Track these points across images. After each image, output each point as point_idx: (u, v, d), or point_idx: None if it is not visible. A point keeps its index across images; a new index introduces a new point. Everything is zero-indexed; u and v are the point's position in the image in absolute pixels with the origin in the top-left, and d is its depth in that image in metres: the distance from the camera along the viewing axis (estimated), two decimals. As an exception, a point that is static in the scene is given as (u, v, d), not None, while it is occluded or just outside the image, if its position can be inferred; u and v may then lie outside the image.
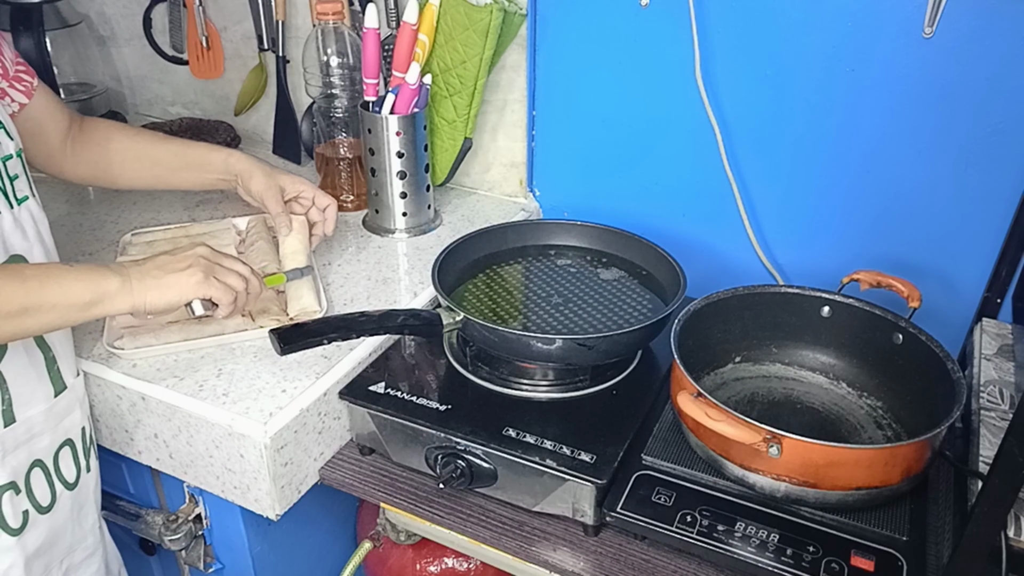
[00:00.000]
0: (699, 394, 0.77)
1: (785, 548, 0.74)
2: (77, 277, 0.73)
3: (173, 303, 0.80)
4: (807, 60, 0.99)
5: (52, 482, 0.80)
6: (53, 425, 0.79)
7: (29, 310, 0.68)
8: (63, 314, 0.72)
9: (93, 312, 0.74)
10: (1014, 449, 0.56)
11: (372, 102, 1.12)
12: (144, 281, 0.77)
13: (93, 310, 0.74)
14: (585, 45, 1.12)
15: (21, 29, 1.34)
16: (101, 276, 0.74)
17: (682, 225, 1.16)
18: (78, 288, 0.72)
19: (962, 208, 0.98)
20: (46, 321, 0.71)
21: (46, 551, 0.80)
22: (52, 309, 0.70)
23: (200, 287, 0.80)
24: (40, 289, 0.69)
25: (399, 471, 0.90)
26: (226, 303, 0.83)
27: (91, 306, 0.73)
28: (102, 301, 0.74)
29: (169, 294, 0.79)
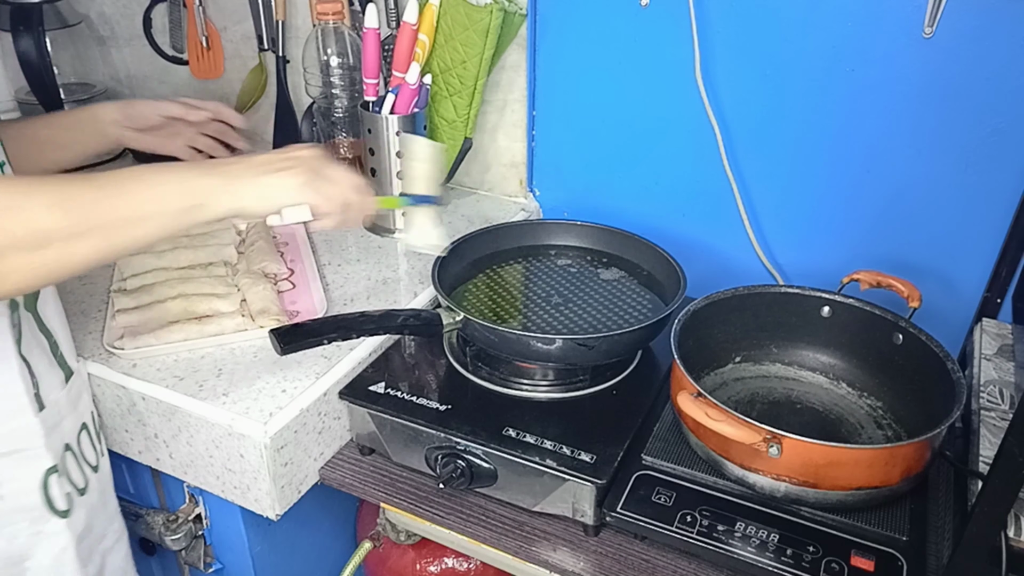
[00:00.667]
0: (699, 394, 0.77)
1: (785, 548, 0.74)
2: (175, 179, 0.66)
3: (271, 207, 0.72)
4: (807, 60, 0.99)
5: (81, 465, 0.80)
6: (71, 409, 0.79)
7: (129, 220, 0.63)
8: (164, 222, 0.65)
9: (195, 215, 0.67)
10: (1014, 449, 0.56)
11: (372, 102, 1.12)
12: (244, 181, 0.70)
13: (194, 214, 0.67)
14: (585, 45, 1.12)
15: (21, 29, 1.33)
16: (198, 177, 0.68)
17: (682, 225, 1.16)
18: (178, 191, 0.66)
19: (962, 208, 0.98)
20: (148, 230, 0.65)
21: (87, 535, 0.81)
22: (152, 216, 0.64)
23: (301, 190, 0.72)
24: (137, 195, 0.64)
25: (399, 471, 0.90)
26: (331, 212, 0.75)
27: (192, 210, 0.66)
28: (203, 204, 0.67)
29: (270, 195, 0.71)
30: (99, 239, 0.61)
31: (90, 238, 0.61)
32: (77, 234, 0.60)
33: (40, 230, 0.57)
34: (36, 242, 0.57)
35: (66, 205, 0.60)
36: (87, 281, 1.04)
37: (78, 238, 0.60)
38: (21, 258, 0.57)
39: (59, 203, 0.59)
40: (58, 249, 0.59)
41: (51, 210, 0.58)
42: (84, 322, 0.96)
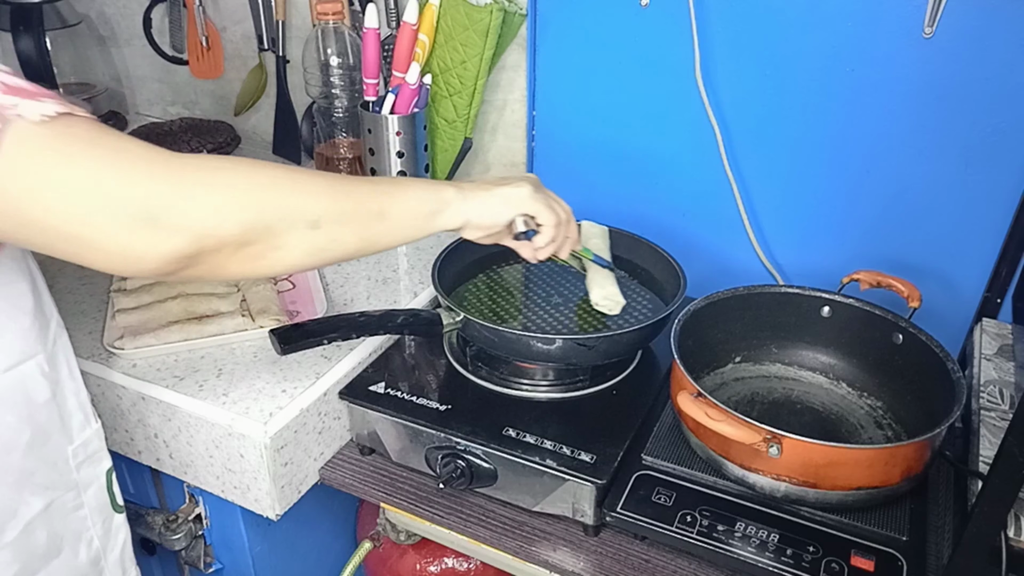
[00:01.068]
0: (699, 394, 0.77)
1: (785, 548, 0.74)
2: (420, 187, 0.73)
3: (502, 216, 0.77)
4: (807, 60, 0.99)
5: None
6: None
7: (384, 214, 0.68)
8: (410, 224, 0.71)
9: (434, 223, 0.72)
10: (1014, 449, 0.56)
11: (372, 102, 1.12)
12: (476, 193, 0.75)
13: (433, 221, 0.72)
14: (585, 45, 1.12)
15: (21, 29, 1.34)
16: (439, 187, 0.74)
17: (682, 225, 1.16)
18: (423, 197, 0.71)
19: (962, 208, 0.98)
20: (396, 229, 0.70)
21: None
22: (401, 215, 0.70)
23: (529, 200, 0.77)
24: (391, 195, 0.69)
25: (399, 471, 0.90)
26: (550, 224, 0.79)
27: (433, 216, 0.72)
28: (441, 211, 0.72)
29: (499, 206, 0.76)
30: (363, 230, 0.67)
31: (355, 227, 0.66)
32: (347, 221, 0.66)
33: (317, 210, 0.63)
34: (313, 221, 0.63)
35: (341, 194, 0.66)
36: (87, 281, 1.04)
37: (347, 225, 0.66)
38: (300, 235, 0.62)
39: (336, 191, 0.65)
40: (328, 232, 0.64)
41: (330, 196, 0.65)
42: (84, 322, 0.96)
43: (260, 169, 0.61)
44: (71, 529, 0.73)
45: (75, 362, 0.72)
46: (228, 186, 0.58)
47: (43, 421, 0.68)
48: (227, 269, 0.60)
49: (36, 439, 0.67)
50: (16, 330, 0.64)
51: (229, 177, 0.58)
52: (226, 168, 0.59)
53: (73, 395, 0.72)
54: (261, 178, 0.60)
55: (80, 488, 0.73)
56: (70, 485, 0.72)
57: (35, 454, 0.68)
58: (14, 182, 0.51)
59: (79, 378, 0.73)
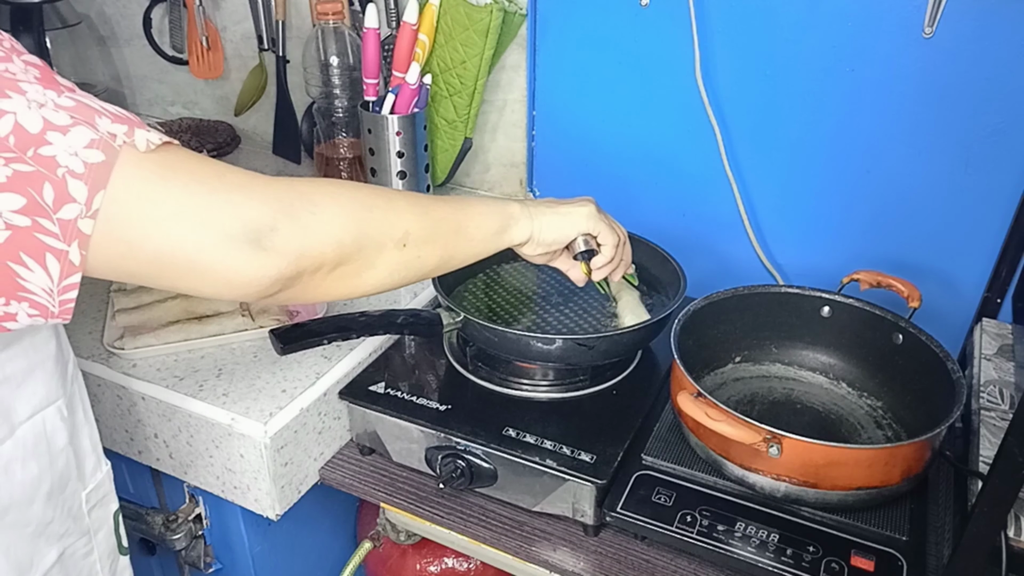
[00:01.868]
0: (699, 394, 0.77)
1: (785, 548, 0.74)
2: (486, 204, 0.75)
3: (565, 234, 0.79)
4: (807, 60, 0.99)
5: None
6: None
7: (460, 231, 0.70)
8: (481, 241, 0.73)
9: (502, 240, 0.75)
10: (1014, 449, 0.56)
11: (372, 102, 1.12)
12: (540, 208, 0.78)
13: (502, 237, 0.75)
14: (585, 45, 1.12)
15: (21, 29, 1.34)
16: (505, 204, 0.76)
17: (682, 225, 1.16)
18: (491, 213, 0.74)
19: (962, 208, 0.98)
20: (470, 245, 0.72)
21: None
22: (475, 231, 0.72)
23: (591, 220, 0.80)
24: (463, 211, 0.71)
25: (399, 471, 0.90)
26: (611, 244, 0.82)
27: (501, 233, 0.74)
28: (509, 228, 0.75)
29: (563, 223, 0.79)
30: (443, 247, 0.69)
31: (436, 244, 0.68)
32: (429, 240, 0.67)
33: (407, 230, 0.65)
34: (402, 240, 0.65)
35: (424, 212, 0.68)
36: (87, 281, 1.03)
37: (429, 243, 0.68)
38: (389, 254, 0.64)
39: (419, 210, 0.67)
40: (414, 250, 0.66)
41: (414, 214, 0.67)
42: (84, 322, 0.96)
43: (352, 190, 0.63)
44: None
45: (88, 402, 0.71)
46: (326, 208, 0.59)
47: (61, 467, 0.66)
48: (322, 289, 0.62)
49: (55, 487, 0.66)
50: (41, 376, 0.63)
51: (326, 200, 0.60)
52: (321, 191, 0.61)
53: (87, 438, 0.70)
54: (354, 199, 0.62)
55: (91, 533, 0.71)
56: (83, 531, 0.70)
57: (53, 502, 0.66)
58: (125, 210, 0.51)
59: (92, 420, 0.71)
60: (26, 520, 0.63)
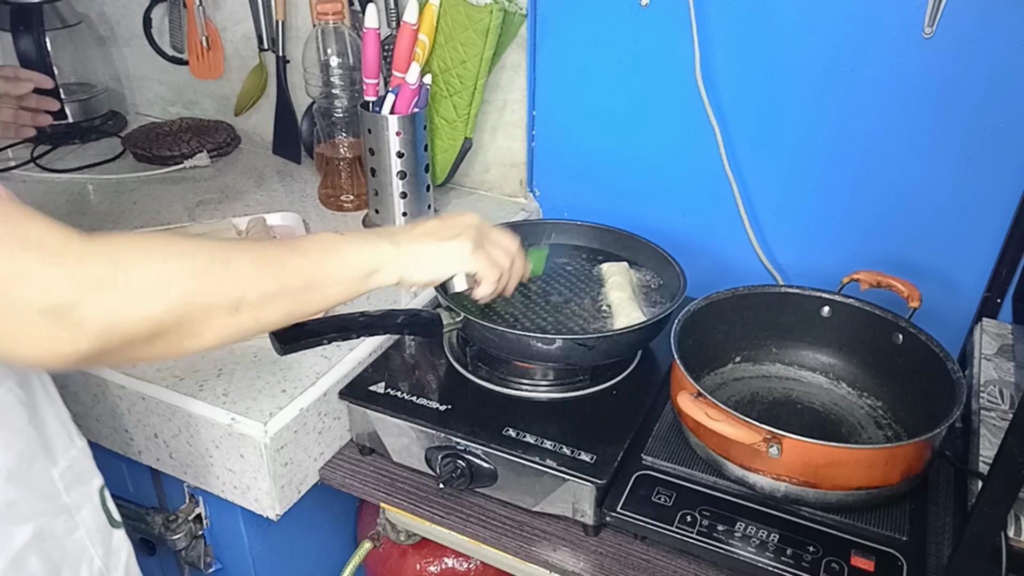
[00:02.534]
0: (699, 394, 0.77)
1: (785, 548, 0.74)
2: (354, 247, 0.69)
3: (440, 275, 0.75)
4: (807, 60, 0.99)
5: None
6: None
7: (314, 285, 0.66)
8: (343, 288, 0.69)
9: (369, 283, 0.70)
10: (1014, 449, 0.56)
11: (372, 102, 1.12)
12: (413, 248, 0.73)
13: (369, 282, 0.70)
14: (585, 45, 1.12)
15: (21, 29, 1.34)
16: (374, 245, 0.71)
17: (682, 225, 1.16)
18: (357, 259, 0.69)
19: (962, 208, 0.98)
20: (328, 296, 0.68)
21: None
22: (334, 283, 0.67)
23: (469, 258, 0.75)
24: (322, 263, 0.67)
25: (399, 471, 0.90)
26: (491, 280, 0.77)
27: (367, 278, 0.70)
28: (377, 271, 0.70)
29: (438, 264, 0.74)
30: (288, 305, 0.64)
31: (280, 301, 0.63)
32: (271, 300, 0.62)
33: (242, 296, 0.60)
34: (235, 306, 0.60)
35: (270, 274, 0.62)
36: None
37: (271, 303, 0.62)
38: (220, 321, 0.59)
39: (265, 270, 0.62)
40: (251, 313, 0.61)
41: (257, 276, 0.61)
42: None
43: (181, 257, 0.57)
44: (69, 553, 0.71)
45: (51, 382, 0.70)
46: (141, 279, 0.54)
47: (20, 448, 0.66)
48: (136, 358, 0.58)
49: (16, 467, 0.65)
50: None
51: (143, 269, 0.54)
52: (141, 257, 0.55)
53: (53, 417, 0.69)
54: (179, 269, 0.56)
55: (72, 511, 0.71)
56: (60, 509, 0.70)
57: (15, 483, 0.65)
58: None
59: (57, 398, 0.70)
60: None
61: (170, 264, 0.56)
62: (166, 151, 1.38)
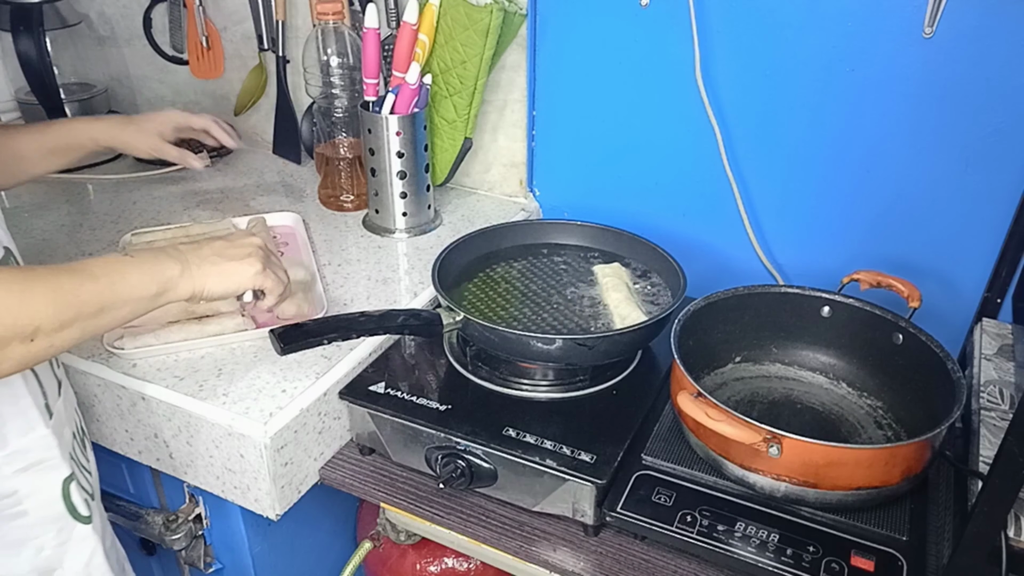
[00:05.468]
0: (699, 394, 0.77)
1: (785, 548, 0.74)
2: (142, 270, 0.73)
3: (230, 291, 0.81)
4: (807, 60, 0.99)
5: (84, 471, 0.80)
6: (68, 416, 0.79)
7: (105, 308, 0.69)
8: (134, 307, 0.73)
9: (159, 302, 0.75)
10: (1014, 449, 0.56)
11: (372, 102, 1.12)
12: (203, 267, 0.78)
13: (159, 300, 0.75)
14: (585, 45, 1.12)
15: (21, 29, 1.34)
16: (163, 265, 0.75)
17: (682, 225, 1.16)
18: (145, 281, 0.73)
19: (962, 208, 0.98)
20: (119, 316, 0.72)
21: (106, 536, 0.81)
22: (124, 304, 0.71)
23: (257, 277, 0.81)
24: (112, 287, 0.70)
25: (399, 471, 0.90)
26: (276, 294, 0.84)
27: (157, 297, 0.75)
28: (166, 291, 0.75)
29: (228, 282, 0.80)
30: (82, 326, 0.67)
31: (74, 326, 0.66)
32: (65, 326, 0.65)
33: (36, 326, 0.63)
34: (30, 336, 0.63)
35: (62, 302, 0.65)
36: (87, 281, 1.03)
37: (65, 329, 0.66)
38: (16, 349, 0.62)
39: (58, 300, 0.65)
40: (46, 340, 0.64)
41: (51, 305, 0.64)
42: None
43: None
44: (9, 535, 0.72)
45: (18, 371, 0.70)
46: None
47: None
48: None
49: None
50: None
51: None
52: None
53: (9, 401, 0.70)
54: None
55: (20, 495, 0.72)
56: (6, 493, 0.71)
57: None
58: None
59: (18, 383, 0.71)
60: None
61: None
62: (166, 151, 1.38)
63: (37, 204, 1.25)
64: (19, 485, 0.71)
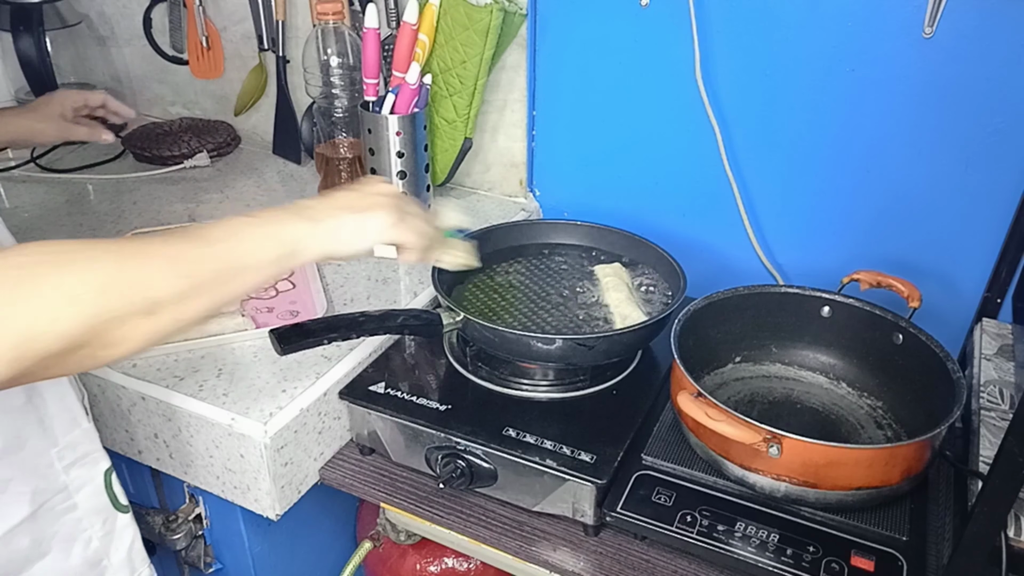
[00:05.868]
0: (699, 394, 0.77)
1: (785, 548, 0.74)
2: (265, 231, 0.66)
3: (363, 249, 0.71)
4: (807, 60, 0.99)
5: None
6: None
7: (231, 275, 0.63)
8: (263, 271, 0.65)
9: (289, 263, 0.67)
10: (1014, 449, 0.56)
11: (372, 102, 1.12)
12: (331, 223, 0.69)
13: (288, 261, 0.67)
14: (585, 45, 1.12)
15: (21, 29, 1.34)
16: (289, 225, 0.67)
17: (682, 225, 1.16)
18: (270, 243, 0.65)
19: (962, 208, 0.98)
20: (247, 282, 0.64)
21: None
22: (248, 269, 0.64)
23: (391, 230, 0.71)
24: (232, 251, 0.63)
25: (399, 471, 0.90)
26: (418, 248, 0.74)
27: (285, 258, 0.66)
28: (294, 252, 0.66)
29: (359, 237, 0.70)
30: (208, 296, 0.61)
31: (199, 297, 0.61)
32: (188, 297, 0.60)
33: (156, 300, 0.58)
34: (150, 311, 0.57)
35: (183, 272, 0.60)
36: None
37: (188, 300, 0.60)
38: (135, 325, 0.57)
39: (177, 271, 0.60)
40: (169, 314, 0.59)
41: (170, 277, 0.59)
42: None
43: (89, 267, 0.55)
44: (62, 531, 0.72)
45: None
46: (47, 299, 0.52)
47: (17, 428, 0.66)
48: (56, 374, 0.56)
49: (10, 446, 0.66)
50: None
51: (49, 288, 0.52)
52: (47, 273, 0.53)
53: (56, 398, 0.70)
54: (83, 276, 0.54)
55: (71, 490, 0.72)
56: (58, 488, 0.71)
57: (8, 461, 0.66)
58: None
59: (64, 379, 0.70)
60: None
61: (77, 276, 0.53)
62: (166, 151, 1.38)
63: (37, 204, 1.25)
64: (69, 480, 0.72)
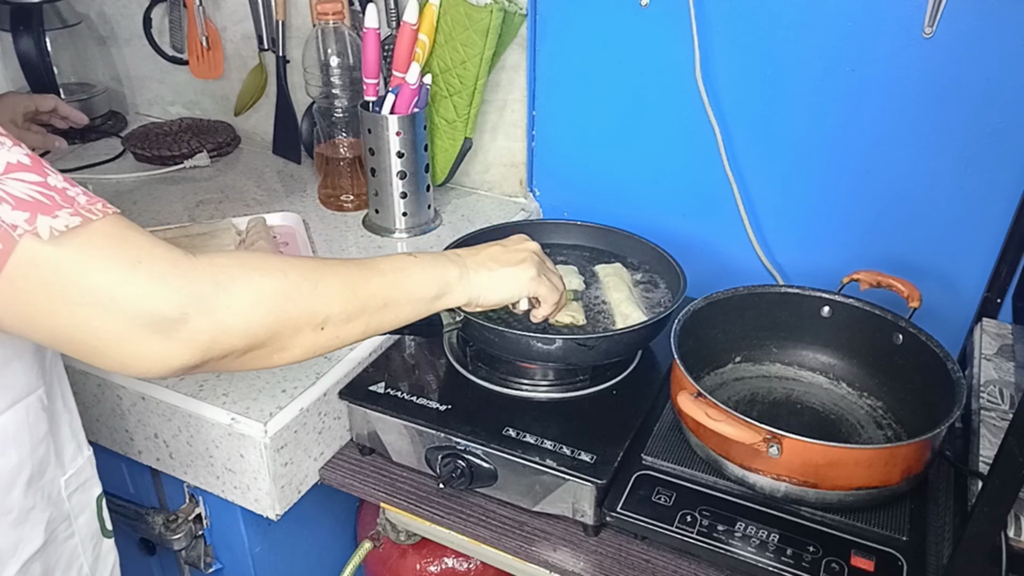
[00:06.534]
0: (699, 394, 0.77)
1: (785, 548, 0.74)
2: (424, 270, 0.72)
3: (505, 299, 0.78)
4: (807, 60, 0.99)
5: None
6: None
7: (389, 305, 0.68)
8: (415, 307, 0.71)
9: (437, 304, 0.73)
10: (1014, 449, 0.56)
11: (372, 102, 1.12)
12: (480, 273, 0.76)
13: (437, 303, 0.73)
14: (585, 45, 1.12)
15: (21, 29, 1.34)
16: (444, 268, 0.74)
17: (682, 225, 1.16)
18: (428, 281, 0.72)
19: (962, 208, 0.98)
20: (401, 315, 0.70)
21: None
22: (407, 303, 0.70)
23: (532, 283, 0.78)
24: (398, 284, 0.70)
25: (399, 471, 0.90)
26: (551, 303, 0.81)
27: (437, 299, 0.73)
28: (445, 294, 0.73)
29: (503, 289, 0.77)
30: (366, 323, 0.67)
31: (360, 319, 0.66)
32: (352, 318, 0.65)
33: (327, 315, 0.63)
34: (320, 325, 0.63)
35: (352, 293, 0.65)
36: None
37: (351, 321, 0.65)
38: (306, 337, 0.62)
39: (348, 291, 0.65)
40: (333, 331, 0.64)
41: (341, 296, 0.64)
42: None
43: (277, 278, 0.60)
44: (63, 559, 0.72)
45: (69, 390, 0.71)
46: (243, 300, 0.57)
47: (41, 455, 0.67)
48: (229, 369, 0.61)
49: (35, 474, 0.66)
50: (19, 367, 0.63)
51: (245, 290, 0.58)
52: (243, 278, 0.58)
53: (67, 425, 0.70)
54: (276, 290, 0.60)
55: (72, 517, 0.72)
56: (64, 516, 0.71)
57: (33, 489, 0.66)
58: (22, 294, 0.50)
59: (74, 408, 0.71)
60: (7, 508, 0.64)
61: (266, 282, 0.59)
62: (166, 151, 1.38)
63: (37, 204, 1.25)
64: (71, 507, 0.72)
